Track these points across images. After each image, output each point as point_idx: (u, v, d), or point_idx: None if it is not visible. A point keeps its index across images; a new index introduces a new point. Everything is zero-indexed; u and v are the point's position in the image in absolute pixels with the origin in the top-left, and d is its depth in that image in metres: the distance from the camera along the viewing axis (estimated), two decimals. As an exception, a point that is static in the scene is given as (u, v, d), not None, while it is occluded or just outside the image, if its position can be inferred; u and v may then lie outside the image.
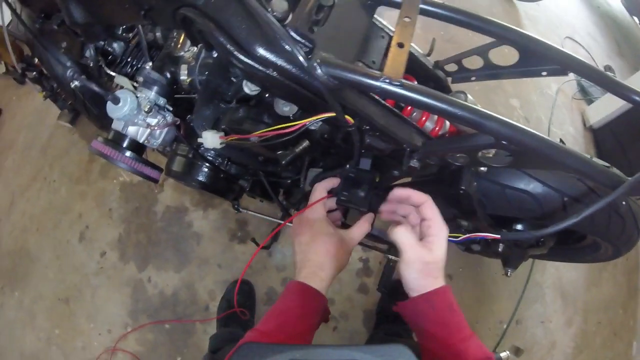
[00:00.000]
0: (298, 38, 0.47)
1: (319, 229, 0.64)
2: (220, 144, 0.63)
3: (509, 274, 1.09)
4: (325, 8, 0.51)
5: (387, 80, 0.45)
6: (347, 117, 0.53)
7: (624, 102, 1.83)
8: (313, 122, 0.59)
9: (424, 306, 0.58)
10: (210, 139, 0.64)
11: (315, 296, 0.60)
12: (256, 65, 0.48)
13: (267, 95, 0.62)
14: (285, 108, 0.59)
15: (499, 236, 0.71)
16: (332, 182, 0.68)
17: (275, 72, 0.48)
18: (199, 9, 0.51)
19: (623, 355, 1.63)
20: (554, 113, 2.07)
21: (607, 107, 1.98)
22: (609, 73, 0.68)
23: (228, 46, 0.47)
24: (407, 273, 0.59)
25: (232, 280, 1.53)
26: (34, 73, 1.40)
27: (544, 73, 0.70)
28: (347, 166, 0.67)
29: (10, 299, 1.65)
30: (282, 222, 1.28)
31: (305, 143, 0.64)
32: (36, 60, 1.37)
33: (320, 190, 0.67)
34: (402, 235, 0.59)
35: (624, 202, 0.81)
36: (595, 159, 0.79)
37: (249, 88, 0.61)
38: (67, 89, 1.13)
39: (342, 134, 0.65)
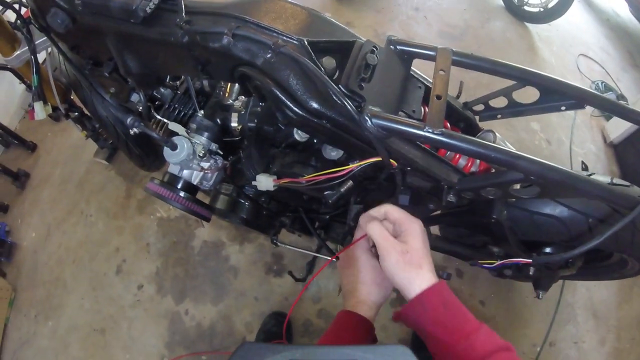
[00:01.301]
0: (349, 94, 0.54)
1: (365, 261, 0.69)
2: (274, 186, 0.70)
3: (540, 297, 1.12)
4: (370, 67, 0.58)
5: (430, 130, 0.52)
6: (391, 160, 0.59)
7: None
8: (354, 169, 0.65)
9: (417, 310, 0.57)
10: (265, 182, 0.70)
11: (364, 324, 0.64)
12: (310, 117, 0.55)
13: (315, 141, 0.70)
14: (333, 153, 0.66)
15: (530, 260, 0.75)
16: None
17: (328, 124, 0.55)
18: (259, 67, 0.58)
19: (657, 369, 1.58)
20: (574, 133, 2.10)
21: (626, 122, 1.99)
22: (621, 102, 0.74)
23: (286, 101, 0.54)
24: (387, 265, 0.59)
25: (269, 312, 1.55)
26: (76, 114, 1.46)
27: (563, 108, 0.77)
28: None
29: (43, 327, 1.66)
30: (318, 254, 1.33)
31: (350, 183, 0.70)
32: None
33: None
34: (374, 229, 0.61)
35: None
36: (616, 179, 0.85)
37: (300, 135, 0.68)
38: (110, 130, 1.20)
39: (385, 174, 0.71)
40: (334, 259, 0.74)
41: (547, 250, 1.03)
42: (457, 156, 0.73)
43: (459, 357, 0.52)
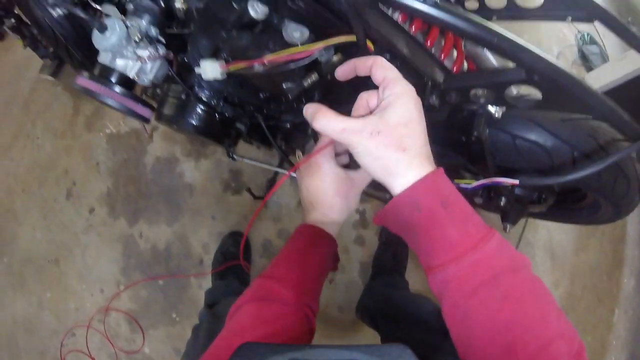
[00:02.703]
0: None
1: (328, 169, 0.60)
2: (222, 73, 0.57)
3: (507, 230, 1.09)
4: None
5: (423, -1, 0.40)
6: (368, 42, 0.47)
7: (624, 72, 1.79)
8: (323, 51, 0.53)
9: (406, 210, 0.42)
10: (210, 69, 0.58)
11: (327, 239, 0.57)
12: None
13: (275, 20, 0.56)
14: (296, 34, 0.53)
15: (517, 182, 0.68)
16: None
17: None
18: None
19: (605, 321, 1.68)
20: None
21: (607, 76, 1.95)
22: (632, 27, 0.67)
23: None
24: (357, 155, 0.43)
25: (227, 232, 1.50)
26: (12, 20, 1.34)
27: (569, 18, 0.68)
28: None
29: (-1, 264, 1.61)
30: (279, 169, 1.25)
31: (315, 76, 0.58)
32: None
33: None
34: (321, 118, 0.43)
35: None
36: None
37: (256, 11, 0.54)
38: (48, 33, 1.05)
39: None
40: (293, 173, 0.64)
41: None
42: (443, 54, 0.62)
43: (464, 274, 0.40)
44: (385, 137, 0.41)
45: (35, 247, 1.60)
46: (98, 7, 0.82)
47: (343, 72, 0.48)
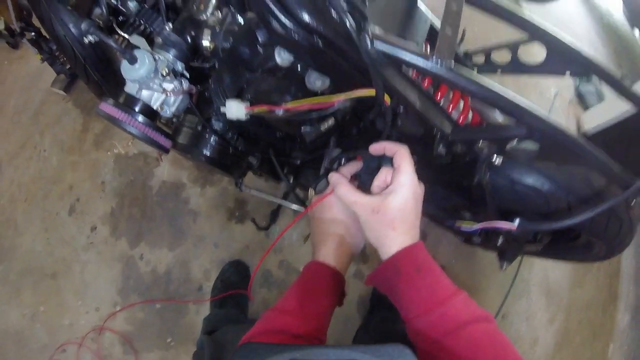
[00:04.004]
0: (349, 8, 0.45)
1: (340, 210, 0.64)
2: (246, 114, 0.61)
3: (504, 268, 1.12)
4: (379, -18, 0.49)
5: (438, 62, 0.45)
6: (385, 96, 0.52)
7: (619, 111, 1.87)
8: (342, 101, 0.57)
9: (387, 273, 0.53)
10: (236, 109, 0.61)
11: (335, 276, 0.60)
12: (300, 32, 0.46)
13: (298, 67, 0.60)
14: (318, 82, 0.58)
15: (514, 227, 0.71)
16: (355, 166, 0.67)
17: (320, 41, 0.46)
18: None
19: (600, 355, 1.68)
20: (550, 115, 2.12)
21: (602, 115, 2.02)
22: (626, 81, 0.72)
23: (274, 8, 0.45)
24: (361, 222, 0.56)
25: (229, 260, 1.50)
26: (33, 34, 1.34)
27: (568, 72, 0.73)
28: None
29: (-5, 272, 1.59)
30: (284, 202, 1.27)
31: (332, 121, 0.62)
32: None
33: (344, 174, 0.65)
34: (340, 189, 0.57)
35: (633, 202, 0.84)
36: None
37: (282, 58, 0.58)
38: (68, 51, 1.08)
39: (369, 117, 0.63)
40: (301, 208, 0.67)
41: (516, 221, 1.02)
42: (451, 106, 0.67)
43: (432, 325, 0.48)
44: (382, 216, 0.53)
45: (34, 258, 1.58)
46: (127, 36, 0.86)
47: (375, 150, 0.59)
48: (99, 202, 1.62)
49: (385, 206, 0.52)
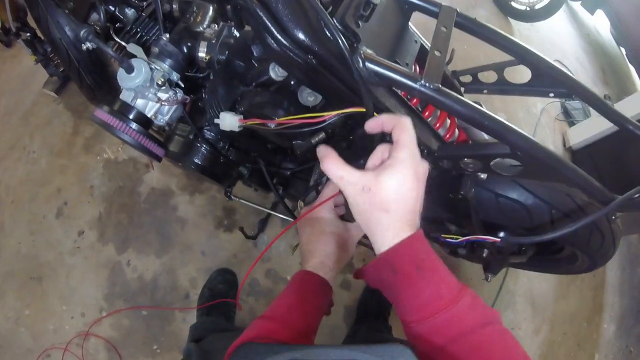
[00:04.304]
0: (343, 29, 0.47)
1: (328, 221, 0.65)
2: (239, 127, 0.63)
3: (489, 279, 1.14)
4: (371, 5, 0.51)
5: (427, 84, 0.47)
6: (375, 113, 0.54)
7: (604, 127, 1.94)
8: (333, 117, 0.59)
9: (384, 273, 0.45)
10: (229, 121, 0.63)
11: (324, 286, 0.61)
12: (294, 50, 0.48)
13: (292, 83, 0.62)
14: (310, 98, 0.59)
15: (499, 239, 0.74)
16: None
17: (313, 60, 0.48)
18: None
19: (585, 366, 1.72)
20: (537, 131, 2.18)
21: (588, 131, 2.09)
22: (608, 101, 0.75)
23: (270, 26, 0.46)
24: (349, 203, 0.47)
25: (216, 268, 1.50)
26: (28, 34, 1.33)
27: (552, 94, 0.76)
28: (362, 162, 0.68)
29: (-22, 275, 1.55)
30: (272, 211, 1.28)
31: (322, 135, 0.64)
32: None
33: (333, 187, 0.66)
34: (327, 158, 0.47)
35: (613, 217, 0.87)
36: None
37: (276, 73, 0.60)
38: (63, 54, 1.08)
39: (359, 132, 0.65)
40: (291, 219, 0.68)
41: (501, 234, 1.04)
42: (438, 124, 0.69)
43: (434, 331, 0.42)
44: (373, 196, 0.43)
45: (19, 261, 1.55)
46: (124, 43, 0.87)
47: (371, 127, 0.49)
48: (87, 206, 1.60)
49: (379, 182, 0.43)
